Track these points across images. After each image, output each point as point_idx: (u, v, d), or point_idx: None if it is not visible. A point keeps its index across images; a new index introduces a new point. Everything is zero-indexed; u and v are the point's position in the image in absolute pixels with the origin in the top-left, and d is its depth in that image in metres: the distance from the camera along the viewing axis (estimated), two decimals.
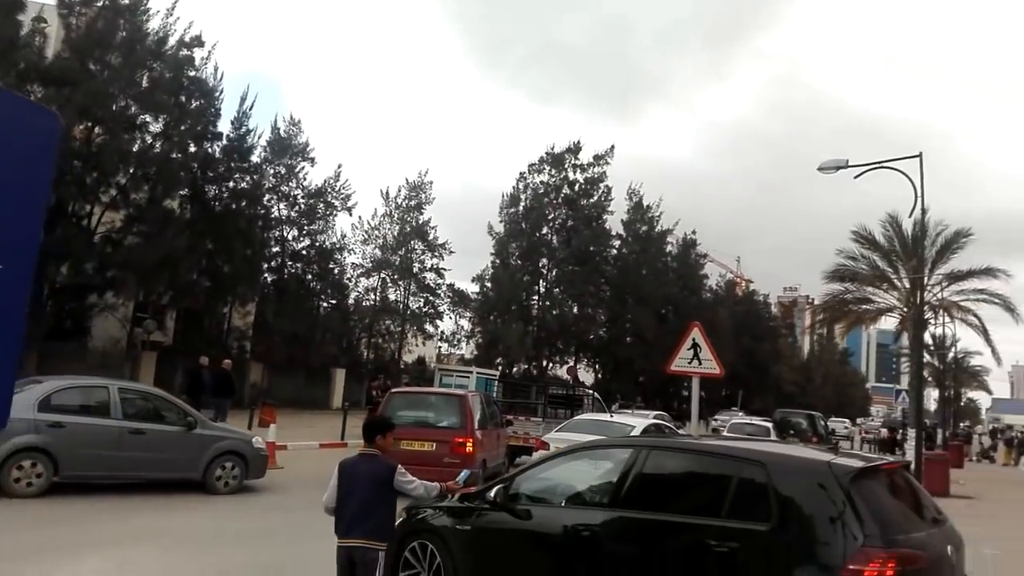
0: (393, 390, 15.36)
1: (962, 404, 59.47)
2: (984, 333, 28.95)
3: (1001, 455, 35.20)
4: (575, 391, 39.19)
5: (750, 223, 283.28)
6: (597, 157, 44.68)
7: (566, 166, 44.56)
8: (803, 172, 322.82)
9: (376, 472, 4.78)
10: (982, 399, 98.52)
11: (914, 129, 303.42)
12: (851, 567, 3.98)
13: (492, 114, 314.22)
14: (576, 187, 44.68)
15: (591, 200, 44.89)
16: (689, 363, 12.10)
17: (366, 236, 40.19)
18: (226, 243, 28.86)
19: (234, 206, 30.01)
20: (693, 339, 12.09)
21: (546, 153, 44.70)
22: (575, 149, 44.44)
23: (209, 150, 28.99)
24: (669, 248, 53.04)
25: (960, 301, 26.98)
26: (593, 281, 44.78)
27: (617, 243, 48.43)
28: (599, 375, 49.21)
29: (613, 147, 45.01)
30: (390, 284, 40.79)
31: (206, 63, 27.97)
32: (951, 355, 44.13)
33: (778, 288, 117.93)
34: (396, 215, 40.90)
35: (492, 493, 5.50)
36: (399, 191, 41.20)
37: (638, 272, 47.29)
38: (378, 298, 40.36)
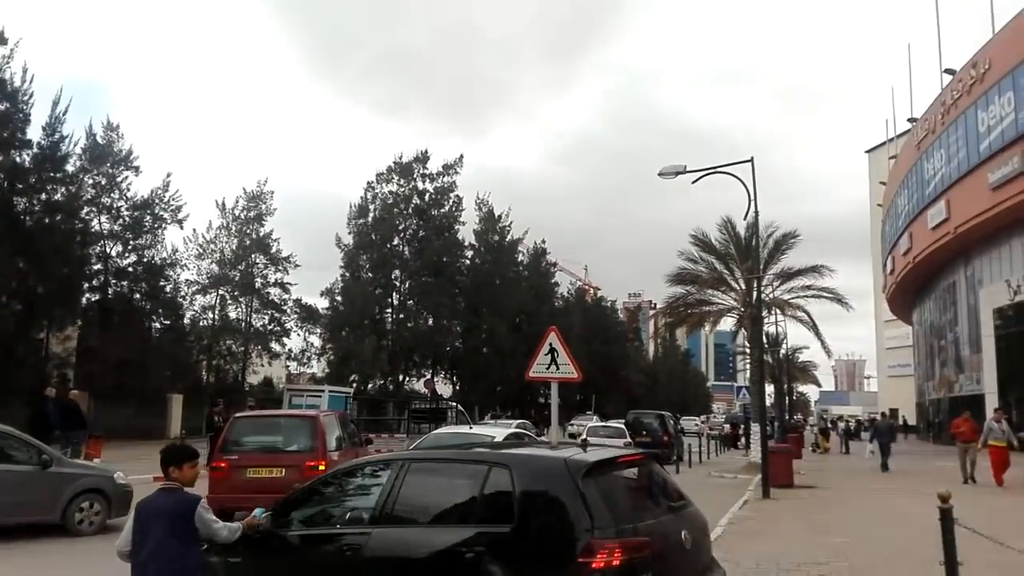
0: (237, 415, 14.20)
1: (794, 398, 63.88)
2: (814, 327, 31.20)
3: (820, 443, 37.47)
4: (438, 404, 38.65)
5: (596, 231, 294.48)
6: (446, 167, 44.52)
7: (415, 176, 44.06)
8: (645, 180, 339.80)
9: (175, 507, 4.17)
10: (811, 392, 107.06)
11: (743, 139, 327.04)
12: (580, 560, 4.16)
13: (336, 122, 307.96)
14: (426, 197, 44.27)
15: (442, 210, 44.61)
16: (547, 368, 12.04)
17: (201, 250, 37.61)
18: (39, 261, 26.10)
19: (48, 220, 27.25)
20: (550, 344, 12.02)
21: (394, 163, 44.06)
22: (423, 158, 44.03)
23: (17, 159, 26.30)
24: (520, 257, 53.71)
25: (791, 299, 28.85)
26: (447, 292, 44.40)
27: (470, 253, 48.42)
28: (456, 387, 48.84)
29: (462, 156, 45.11)
30: (230, 301, 38.39)
31: (9, 62, 25.58)
32: (783, 351, 47.33)
33: (624, 294, 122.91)
34: (234, 227, 38.62)
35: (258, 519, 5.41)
36: (237, 202, 39.02)
37: (491, 282, 47.45)
38: (217, 316, 37.87)
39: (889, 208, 52.18)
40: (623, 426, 27.39)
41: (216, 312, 37.89)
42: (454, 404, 39.02)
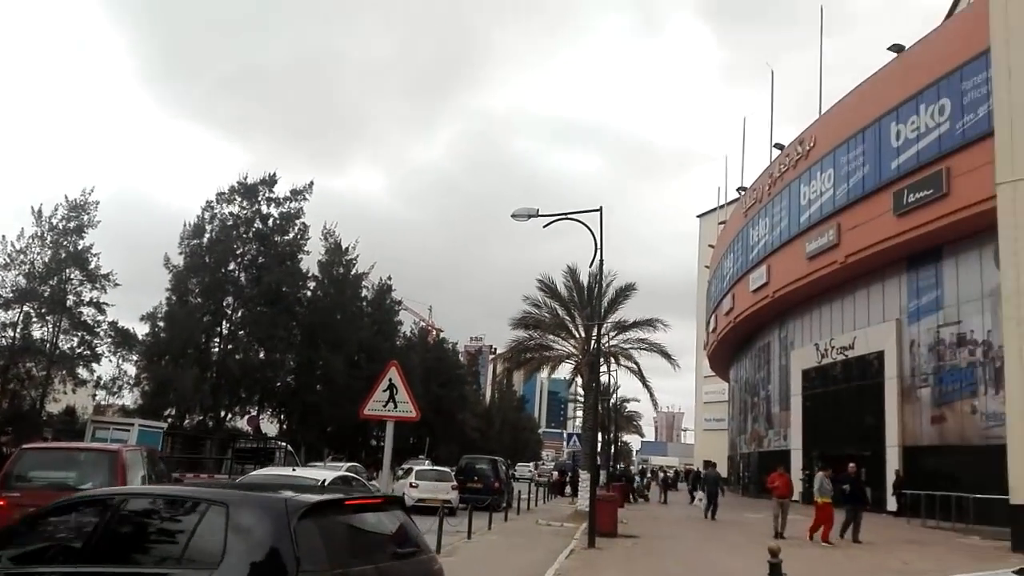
0: (25, 446, 12.68)
1: (619, 447, 66.11)
2: (641, 378, 32.61)
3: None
4: (267, 444, 36.46)
5: (443, 272, 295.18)
6: (295, 192, 42.70)
7: (259, 198, 41.95)
8: (495, 226, 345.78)
9: None
10: (634, 442, 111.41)
11: (589, 192, 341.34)
12: None
13: (178, 139, 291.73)
14: (270, 222, 42.23)
15: (286, 237, 42.68)
16: (384, 406, 11.64)
17: (8, 260, 33.65)
18: None
19: None
20: (390, 379, 11.66)
21: (238, 183, 41.74)
22: (270, 181, 42.11)
23: None
24: (365, 292, 52.49)
25: (628, 348, 29.96)
26: (283, 323, 42.30)
27: (312, 284, 46.66)
28: (284, 425, 46.48)
29: (312, 183, 43.38)
30: (35, 319, 34.50)
31: None
32: (612, 400, 48.92)
33: (466, 337, 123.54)
34: (49, 238, 34.99)
35: None
36: (56, 210, 35.41)
37: (332, 315, 45.86)
38: (19, 335, 33.89)
39: (716, 270, 55.82)
40: (450, 471, 27.24)
41: (18, 330, 33.92)
42: (283, 444, 36.94)
